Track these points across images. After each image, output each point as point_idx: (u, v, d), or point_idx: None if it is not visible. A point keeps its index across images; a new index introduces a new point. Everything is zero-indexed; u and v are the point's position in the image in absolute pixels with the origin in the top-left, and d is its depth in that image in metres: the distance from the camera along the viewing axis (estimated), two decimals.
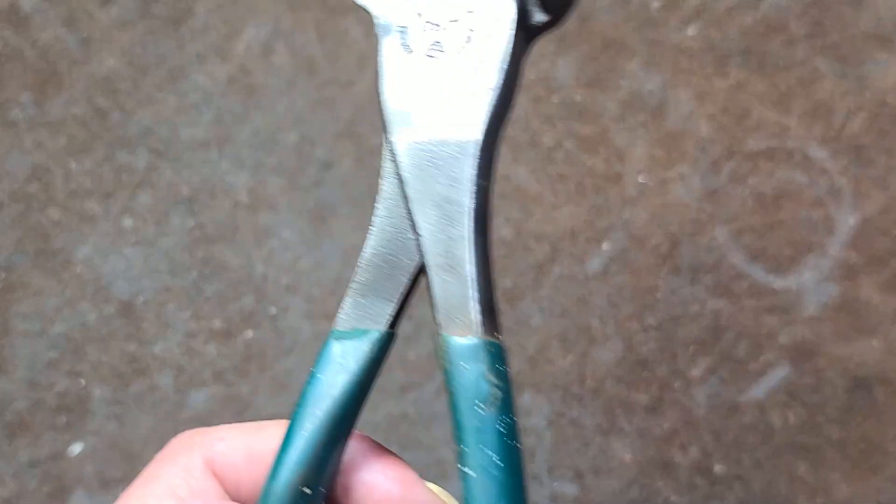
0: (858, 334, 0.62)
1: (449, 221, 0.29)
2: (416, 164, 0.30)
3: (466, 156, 0.30)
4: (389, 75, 0.31)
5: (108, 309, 0.65)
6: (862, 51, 0.66)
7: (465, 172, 0.29)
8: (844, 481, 0.60)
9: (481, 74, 0.30)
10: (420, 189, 0.30)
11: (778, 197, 0.64)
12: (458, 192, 0.29)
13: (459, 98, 0.30)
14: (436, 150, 0.30)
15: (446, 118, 0.30)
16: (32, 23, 0.70)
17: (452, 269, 0.29)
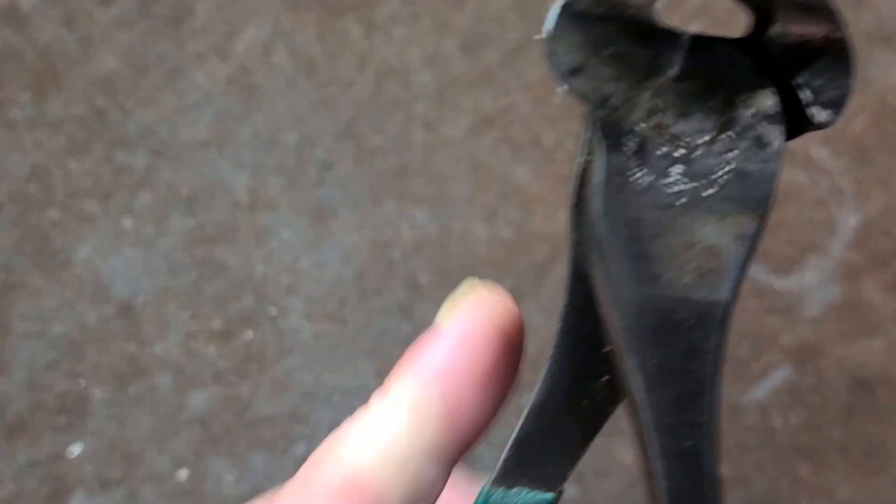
0: (860, 335, 0.62)
1: (685, 401, 0.24)
2: (644, 325, 0.24)
3: (711, 322, 0.24)
4: (613, 205, 0.24)
5: (108, 309, 0.65)
6: (864, 51, 0.66)
7: (708, 342, 0.24)
8: (846, 483, 0.60)
9: (736, 219, 0.24)
10: (648, 357, 0.24)
11: (780, 197, 0.64)
12: (699, 367, 0.24)
13: (706, 247, 0.24)
14: (672, 308, 0.24)
15: (689, 269, 0.24)
16: (31, 22, 0.70)
17: (683, 459, 0.24)
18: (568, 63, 0.25)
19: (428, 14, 0.68)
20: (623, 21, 0.24)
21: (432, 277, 0.64)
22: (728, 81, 0.25)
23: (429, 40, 0.68)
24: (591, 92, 0.25)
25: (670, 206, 0.24)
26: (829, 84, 0.24)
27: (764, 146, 0.25)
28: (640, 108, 0.25)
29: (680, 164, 0.24)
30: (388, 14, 0.68)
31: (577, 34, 0.24)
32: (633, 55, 0.25)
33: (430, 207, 0.65)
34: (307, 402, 0.63)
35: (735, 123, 0.25)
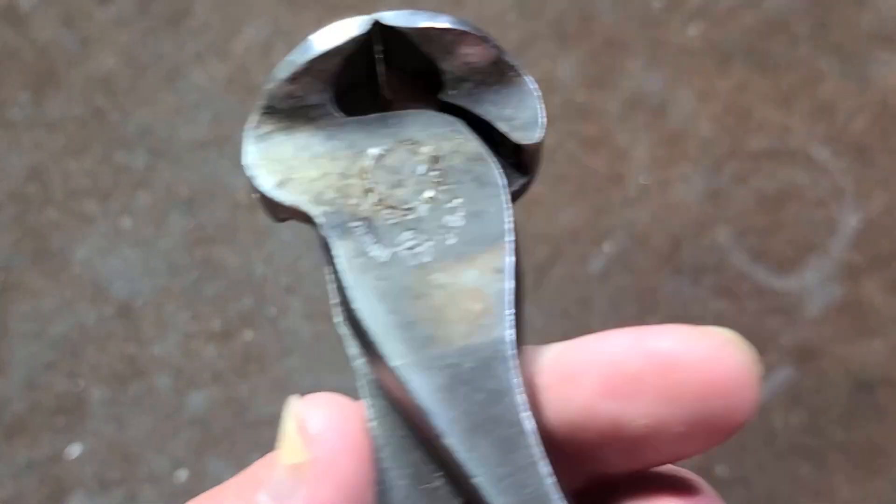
0: (861, 336, 0.62)
1: (509, 448, 0.23)
2: (436, 387, 0.23)
3: (501, 361, 0.23)
4: (362, 287, 0.24)
5: (107, 310, 0.65)
6: (864, 51, 0.66)
7: (504, 381, 0.23)
8: (847, 483, 0.60)
9: (485, 258, 0.24)
10: (452, 417, 0.23)
11: (780, 197, 0.64)
12: (507, 409, 0.23)
13: (467, 292, 0.24)
14: (457, 363, 0.24)
15: (460, 321, 0.24)
16: (31, 22, 0.70)
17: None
18: (272, 182, 0.25)
19: None
20: (310, 123, 0.26)
21: None
22: (428, 141, 0.26)
23: None
24: (302, 196, 0.25)
25: (418, 266, 0.24)
26: (517, 109, 0.26)
27: (483, 184, 0.25)
28: (354, 193, 0.25)
29: (412, 228, 0.25)
30: None
31: (272, 153, 0.26)
32: (331, 151, 0.26)
33: None
34: None
35: (450, 174, 0.25)
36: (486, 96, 0.26)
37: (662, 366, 0.24)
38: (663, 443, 0.24)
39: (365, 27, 0.26)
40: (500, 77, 0.26)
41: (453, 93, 0.26)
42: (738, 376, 0.24)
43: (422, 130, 0.26)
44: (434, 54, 0.26)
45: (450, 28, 0.25)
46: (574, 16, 0.68)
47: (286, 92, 0.26)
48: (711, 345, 0.24)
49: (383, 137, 0.26)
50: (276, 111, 0.26)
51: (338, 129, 0.26)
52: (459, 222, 0.25)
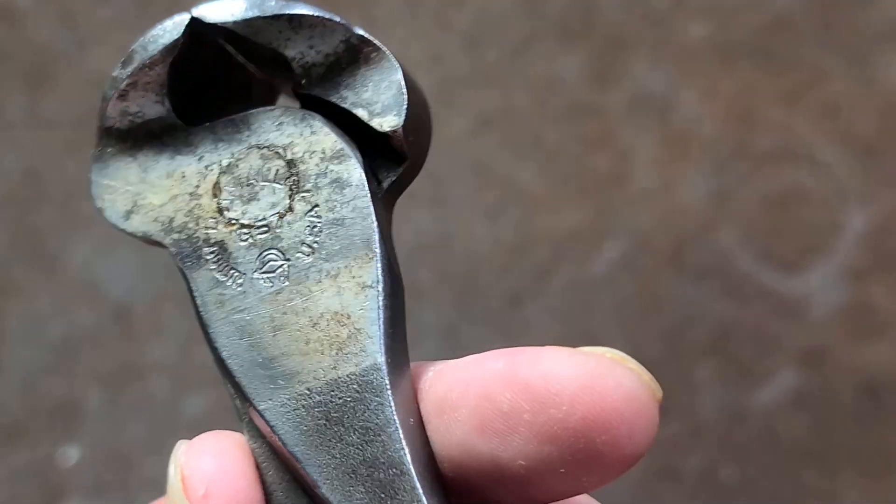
0: (868, 338, 0.62)
1: (388, 493, 0.20)
2: (305, 430, 0.21)
3: (374, 391, 0.21)
4: (219, 322, 0.22)
5: (104, 313, 0.65)
6: (870, 50, 0.66)
7: (379, 416, 0.21)
8: (853, 488, 0.60)
9: (350, 272, 0.22)
10: (326, 463, 0.21)
11: (785, 198, 0.64)
12: (383, 447, 0.21)
13: (331, 316, 0.22)
14: (327, 399, 0.21)
15: (324, 350, 0.22)
16: (27, 22, 0.70)
17: None
18: (117, 212, 0.23)
19: (428, 13, 0.68)
20: (153, 139, 0.24)
21: (433, 278, 0.64)
22: (279, 143, 0.23)
23: (429, 39, 0.68)
24: (151, 225, 0.23)
25: (277, 293, 0.22)
26: (376, 90, 0.23)
27: (344, 185, 0.23)
28: (206, 215, 0.23)
29: (268, 248, 0.23)
30: (388, 13, 0.68)
31: (117, 178, 0.24)
32: (178, 167, 0.23)
33: (431, 208, 0.65)
34: None
35: (305, 180, 0.23)
36: (341, 81, 0.23)
37: (535, 400, 0.21)
38: (547, 482, 0.22)
39: (178, 30, 0.24)
40: (356, 57, 0.23)
41: (305, 82, 0.23)
42: (623, 405, 0.21)
43: (273, 131, 0.23)
44: (272, 44, 0.23)
45: (277, 14, 0.23)
46: (577, 15, 0.67)
47: (120, 109, 0.23)
48: (591, 371, 0.21)
49: (233, 144, 0.23)
50: (114, 132, 0.24)
51: (184, 141, 0.24)
52: (319, 235, 0.23)
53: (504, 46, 0.67)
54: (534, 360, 0.21)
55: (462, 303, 0.64)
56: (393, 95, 0.23)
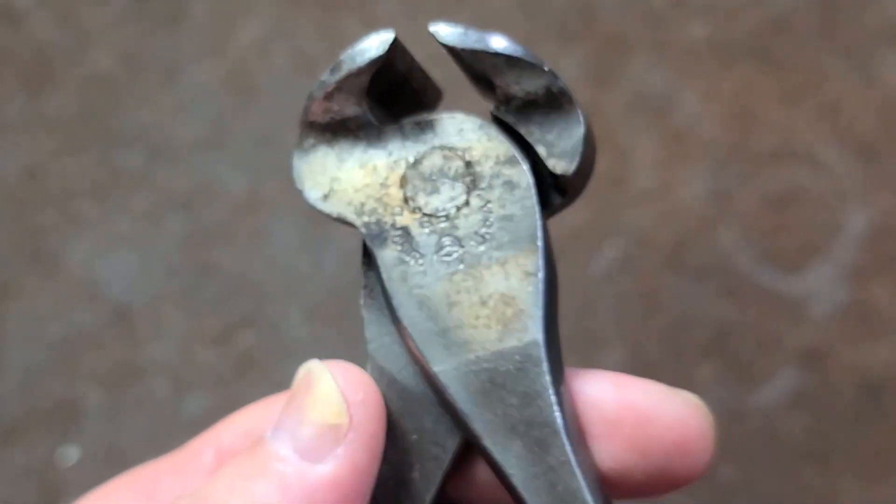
0: (868, 338, 0.62)
1: (541, 448, 0.24)
2: (474, 391, 0.25)
3: (532, 363, 0.25)
4: (403, 296, 0.26)
5: (104, 312, 0.65)
6: (871, 50, 0.66)
7: (537, 383, 0.25)
8: (853, 488, 0.60)
9: (516, 260, 0.26)
10: (490, 420, 0.25)
11: (785, 198, 0.64)
12: (539, 410, 0.25)
13: (499, 297, 0.25)
14: (492, 366, 0.25)
15: (492, 325, 0.25)
16: (26, 21, 0.70)
17: (565, 501, 0.24)
18: (316, 194, 0.27)
19: (428, 12, 0.68)
20: (349, 134, 0.27)
21: None
22: (460, 146, 0.28)
23: (429, 39, 0.68)
24: (346, 208, 0.27)
25: (453, 274, 0.26)
26: (559, 136, 0.27)
27: (514, 187, 0.27)
28: (393, 203, 0.27)
29: (447, 235, 0.26)
30: (387, 12, 0.68)
31: (316, 166, 0.27)
32: (370, 160, 0.27)
33: None
34: None
35: (481, 179, 0.27)
36: (533, 117, 0.27)
37: (639, 418, 0.26)
38: (620, 486, 0.26)
39: (384, 47, 0.28)
40: (551, 102, 0.27)
41: (503, 108, 0.28)
42: (702, 439, 0.27)
43: (455, 135, 0.28)
44: (486, 71, 0.28)
45: (499, 53, 0.27)
46: (576, 15, 0.67)
47: (323, 108, 0.27)
48: (683, 407, 0.27)
49: (419, 144, 0.28)
50: (316, 125, 0.27)
51: (376, 137, 0.28)
52: (490, 228, 0.26)
53: None
54: (639, 387, 0.27)
55: None
56: (572, 145, 0.27)
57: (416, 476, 0.26)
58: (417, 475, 0.26)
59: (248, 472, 0.25)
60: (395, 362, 0.27)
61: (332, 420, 0.25)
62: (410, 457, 0.26)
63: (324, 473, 0.24)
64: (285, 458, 0.24)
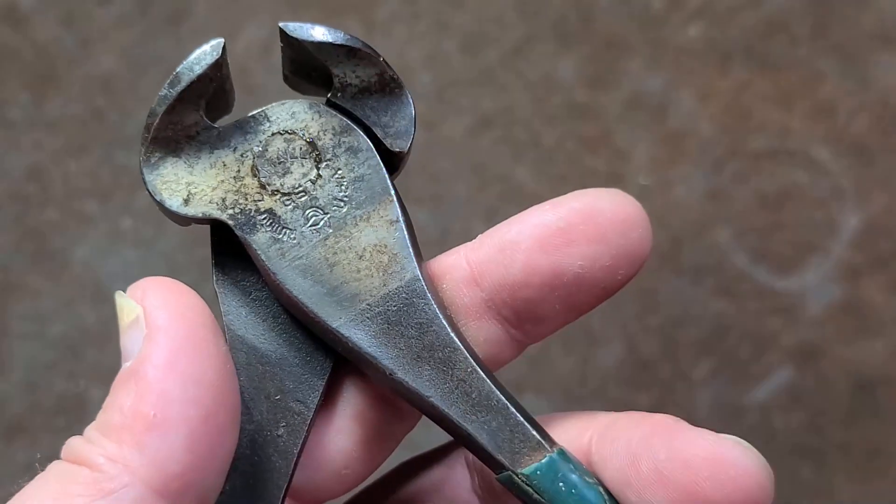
0: (862, 336, 0.62)
1: (448, 366, 0.27)
2: (374, 334, 0.27)
3: (418, 295, 0.28)
4: (284, 269, 0.28)
5: (107, 310, 0.65)
6: (865, 51, 0.66)
7: (427, 312, 0.27)
8: (848, 484, 0.60)
9: (377, 213, 0.28)
10: (395, 355, 0.27)
11: (780, 197, 0.64)
12: (436, 335, 0.27)
13: (372, 248, 0.28)
14: (384, 309, 0.28)
15: (373, 274, 0.28)
16: (30, 22, 0.70)
17: (483, 407, 0.27)
18: (176, 201, 0.29)
19: (428, 14, 0.68)
20: (192, 140, 0.29)
21: None
22: (297, 127, 0.30)
23: (429, 40, 0.68)
24: (208, 206, 0.29)
25: (325, 239, 0.28)
26: (393, 118, 0.29)
27: (357, 151, 0.29)
28: (251, 192, 0.29)
29: (310, 207, 0.29)
30: (388, 14, 0.68)
31: (168, 175, 0.29)
32: (218, 158, 0.29)
33: (431, 207, 0.65)
34: None
35: (325, 152, 0.29)
36: (368, 103, 0.29)
37: (586, 215, 0.30)
38: (595, 280, 0.29)
39: (217, 52, 0.30)
40: (383, 88, 0.29)
41: (340, 95, 0.30)
42: (635, 218, 0.31)
43: (289, 119, 0.30)
44: (327, 61, 0.30)
45: (343, 44, 0.30)
46: (574, 16, 0.67)
47: (167, 121, 0.29)
48: (618, 200, 0.31)
49: (259, 134, 0.30)
50: (159, 139, 0.29)
51: (217, 138, 0.29)
52: (346, 190, 0.29)
53: (502, 47, 0.67)
54: (573, 196, 0.31)
55: None
56: (405, 125, 0.29)
57: (282, 433, 0.28)
58: (283, 432, 0.28)
59: None
60: (253, 330, 0.29)
61: (129, 318, 0.26)
62: (276, 415, 0.28)
63: (125, 367, 0.25)
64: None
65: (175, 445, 0.24)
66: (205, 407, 0.24)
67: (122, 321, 0.26)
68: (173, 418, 0.24)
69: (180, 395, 0.24)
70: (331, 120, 0.29)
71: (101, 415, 0.26)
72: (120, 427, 0.25)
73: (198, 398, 0.24)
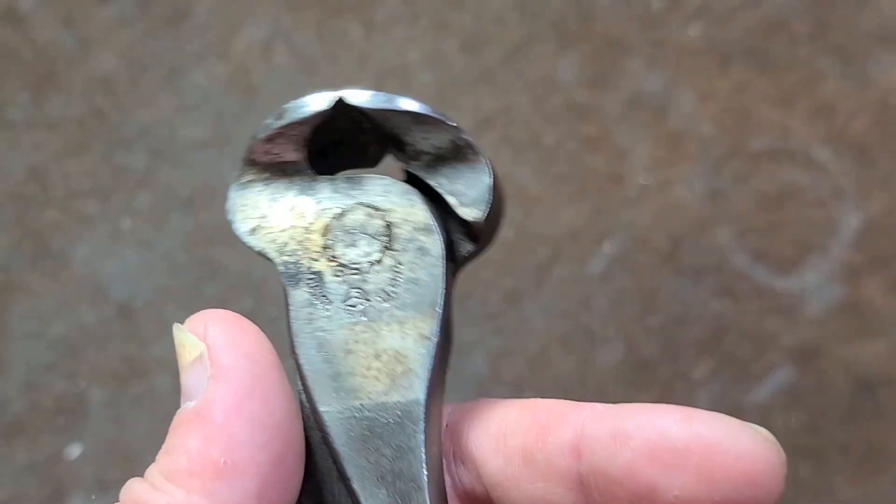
0: (862, 336, 0.62)
1: (404, 500, 0.25)
2: (352, 436, 0.26)
3: (411, 420, 0.26)
4: (305, 335, 0.27)
5: (107, 310, 0.65)
6: (865, 51, 0.66)
7: (412, 440, 0.26)
8: (848, 484, 0.60)
9: (414, 323, 0.27)
10: (362, 465, 0.26)
11: (780, 197, 0.64)
12: (409, 465, 0.26)
13: (392, 353, 0.27)
14: (374, 416, 0.26)
15: (381, 378, 0.26)
16: (30, 22, 0.70)
17: None
18: (245, 227, 0.29)
19: (428, 14, 0.68)
20: (285, 177, 0.29)
21: None
22: (384, 207, 0.28)
23: (429, 40, 0.68)
24: (269, 245, 0.28)
25: (354, 324, 0.27)
26: (468, 186, 0.28)
27: (425, 254, 0.28)
28: (313, 248, 0.28)
29: (356, 287, 0.28)
30: (387, 14, 0.68)
31: (249, 200, 0.29)
32: (299, 205, 0.29)
33: None
34: None
35: (396, 241, 0.28)
36: (441, 170, 0.28)
37: (708, 448, 0.26)
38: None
39: (329, 104, 0.28)
40: (457, 154, 0.28)
41: (414, 164, 0.29)
42: (772, 473, 0.27)
43: (380, 196, 0.28)
44: (395, 130, 0.28)
45: (407, 111, 0.28)
46: (574, 16, 0.68)
47: (265, 149, 0.29)
48: (753, 440, 0.26)
49: (347, 198, 0.29)
50: (256, 163, 0.29)
51: (309, 185, 0.29)
52: (397, 287, 0.27)
53: (503, 47, 0.67)
54: (707, 418, 0.26)
55: (460, 301, 0.64)
56: (480, 194, 0.28)
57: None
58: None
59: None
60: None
61: (192, 355, 0.26)
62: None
63: (189, 407, 0.24)
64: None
65: (246, 492, 0.23)
66: (274, 451, 0.24)
67: (184, 358, 0.26)
68: (243, 464, 0.24)
69: (248, 439, 0.24)
70: (418, 213, 0.28)
71: (164, 457, 0.25)
72: (188, 473, 0.24)
73: (266, 442, 0.24)
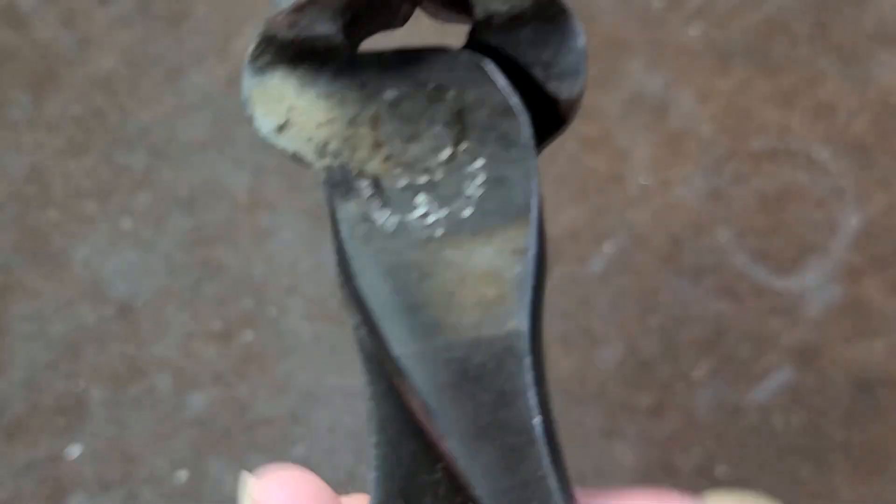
0: (862, 336, 0.62)
1: (514, 458, 0.20)
2: (440, 383, 0.20)
3: (515, 356, 0.20)
4: (364, 259, 0.21)
5: (107, 310, 0.65)
6: (866, 51, 0.66)
7: (518, 381, 0.20)
8: (848, 484, 0.60)
9: (505, 233, 0.21)
10: (457, 418, 0.20)
11: (781, 198, 0.64)
12: (517, 413, 0.20)
13: (481, 274, 0.21)
14: (465, 356, 0.20)
15: (471, 307, 0.21)
16: (30, 22, 0.70)
17: None
18: (270, 123, 0.22)
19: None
20: (316, 56, 0.22)
21: None
22: (450, 88, 0.22)
23: (428, 40, 0.68)
24: (305, 145, 0.22)
25: (429, 240, 0.21)
26: (557, 53, 0.21)
27: (511, 144, 0.21)
28: (362, 146, 0.22)
29: (425, 192, 0.21)
30: None
31: (272, 90, 0.22)
32: (338, 91, 0.22)
33: None
34: (307, 403, 0.63)
35: (471, 130, 0.21)
36: (521, 35, 0.22)
37: None
38: None
39: None
40: (540, 13, 0.21)
41: (484, 29, 0.22)
42: None
43: (445, 73, 0.22)
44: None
45: None
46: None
47: (290, 21, 0.21)
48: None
49: (400, 79, 0.22)
50: (276, 41, 0.22)
51: (348, 65, 0.22)
52: (479, 190, 0.21)
53: None
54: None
55: None
56: (573, 61, 0.22)
57: None
58: None
59: None
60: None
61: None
62: None
63: None
64: None
65: None
66: None
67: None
68: None
69: None
70: (496, 92, 0.21)
71: None
72: None
73: None
